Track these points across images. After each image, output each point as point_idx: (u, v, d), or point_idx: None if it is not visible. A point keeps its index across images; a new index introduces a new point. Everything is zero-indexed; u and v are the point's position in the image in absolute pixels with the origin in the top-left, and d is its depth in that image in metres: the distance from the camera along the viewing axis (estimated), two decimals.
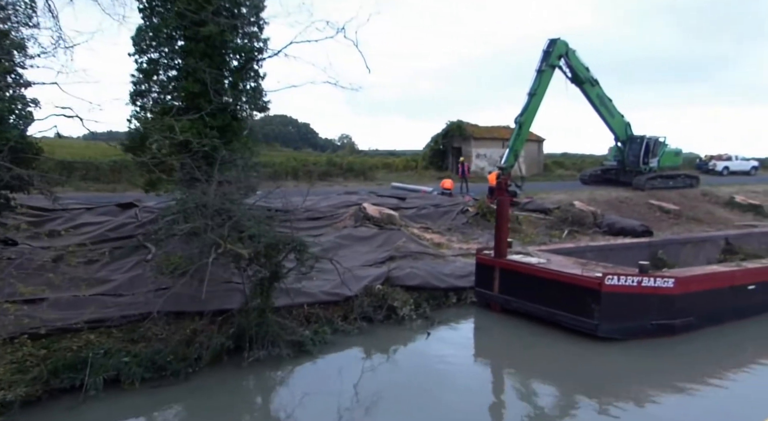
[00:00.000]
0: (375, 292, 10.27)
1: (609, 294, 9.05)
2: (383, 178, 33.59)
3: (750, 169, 45.40)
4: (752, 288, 10.69)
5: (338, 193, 19.97)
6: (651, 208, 23.96)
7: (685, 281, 9.61)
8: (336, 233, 13.90)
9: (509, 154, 22.38)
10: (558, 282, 9.74)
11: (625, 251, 14.34)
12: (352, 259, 12.54)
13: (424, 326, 9.98)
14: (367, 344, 9.10)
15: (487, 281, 11.26)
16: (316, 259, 8.18)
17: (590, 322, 9.19)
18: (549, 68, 23.08)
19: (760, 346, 9.89)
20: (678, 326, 9.52)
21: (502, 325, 10.67)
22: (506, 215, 11.06)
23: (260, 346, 7.67)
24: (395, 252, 13.37)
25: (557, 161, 43.56)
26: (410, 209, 18.08)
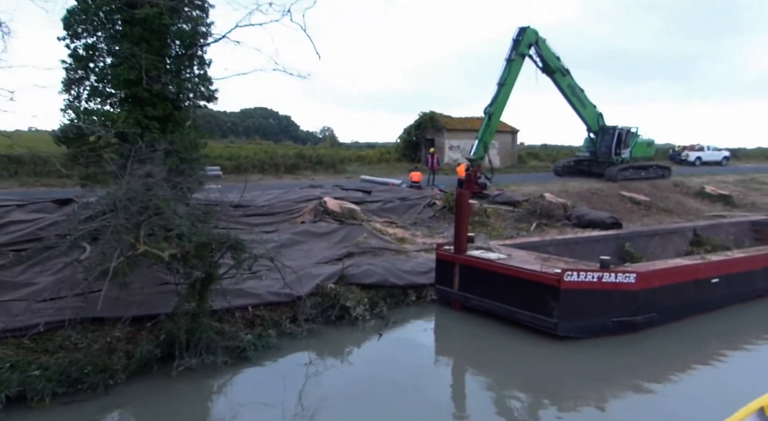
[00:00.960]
0: (327, 291, 9.80)
1: (568, 291, 8.74)
2: (356, 171, 33.06)
3: (721, 159, 46.11)
4: (716, 281, 10.52)
5: (301, 187, 19.41)
6: (622, 200, 23.94)
7: (647, 276, 9.37)
8: (293, 229, 13.38)
9: (478, 145, 22.22)
10: (517, 279, 9.41)
11: (592, 245, 14.13)
12: (307, 256, 12.07)
13: (378, 327, 9.56)
14: (316, 347, 8.63)
15: (447, 278, 10.88)
16: (255, 259, 7.66)
17: (549, 320, 8.88)
18: (519, 57, 22.90)
19: (724, 341, 9.71)
20: (640, 323, 9.28)
21: (462, 324, 10.31)
22: (466, 209, 10.68)
23: (192, 353, 7.14)
24: (354, 248, 12.91)
25: (532, 153, 43.58)
26: (375, 203, 17.64)
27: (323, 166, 29.70)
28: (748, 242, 17.43)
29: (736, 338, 9.83)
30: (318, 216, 14.47)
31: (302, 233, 13.24)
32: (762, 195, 29.15)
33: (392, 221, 16.17)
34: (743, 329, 10.26)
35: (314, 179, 25.39)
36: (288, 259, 11.68)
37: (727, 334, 10.01)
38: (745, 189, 30.25)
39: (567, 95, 25.57)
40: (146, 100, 10.03)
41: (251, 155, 27.54)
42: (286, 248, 12.32)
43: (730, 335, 9.94)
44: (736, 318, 10.66)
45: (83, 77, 10.63)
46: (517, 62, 22.13)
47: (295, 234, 13.05)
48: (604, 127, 28.08)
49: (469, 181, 21.05)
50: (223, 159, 27.01)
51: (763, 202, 27.05)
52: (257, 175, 24.99)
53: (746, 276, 11.18)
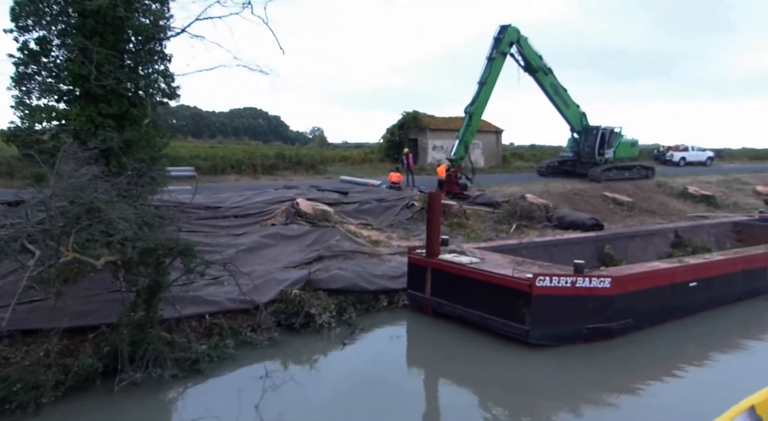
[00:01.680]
0: (291, 298, 9.40)
1: (540, 297, 8.44)
2: (338, 171, 32.65)
3: (706, 159, 46.40)
4: (694, 285, 10.30)
5: (276, 188, 18.97)
6: (605, 201, 23.80)
7: (623, 281, 9.10)
8: (262, 232, 12.95)
9: (459, 145, 21.92)
10: (488, 284, 9.09)
11: (571, 247, 13.88)
12: (275, 260, 11.66)
13: (344, 335, 9.19)
14: (277, 357, 8.24)
15: (419, 283, 10.54)
16: (207, 265, 7.25)
17: (521, 328, 8.57)
18: (500, 56, 22.64)
19: (702, 346, 9.48)
20: (615, 329, 9.01)
21: (434, 330, 9.97)
22: (438, 210, 10.35)
23: (138, 366, 6.71)
24: (326, 251, 12.53)
25: (517, 153, 43.46)
26: (352, 204, 17.26)
27: (303, 166, 29.25)
28: (730, 243, 17.34)
29: (714, 343, 9.60)
30: (290, 218, 14.06)
31: (272, 235, 12.82)
32: (745, 195, 29.24)
33: (368, 222, 15.80)
34: (721, 334, 10.05)
35: (292, 180, 24.94)
36: (254, 263, 11.31)
37: (705, 339, 9.78)
38: (727, 189, 30.33)
39: (549, 95, 25.39)
40: (100, 97, 9.56)
41: (229, 155, 26.99)
42: (254, 252, 11.92)
43: (708, 340, 9.72)
44: (715, 322, 10.45)
45: (35, 73, 10.12)
46: (499, 61, 21.88)
47: (264, 237, 12.63)
48: (587, 127, 27.96)
49: (449, 181, 20.75)
50: (200, 159, 26.46)
51: (745, 202, 27.12)
52: (234, 176, 24.49)
53: (725, 279, 10.98)
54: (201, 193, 16.89)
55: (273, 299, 9.41)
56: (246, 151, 34.73)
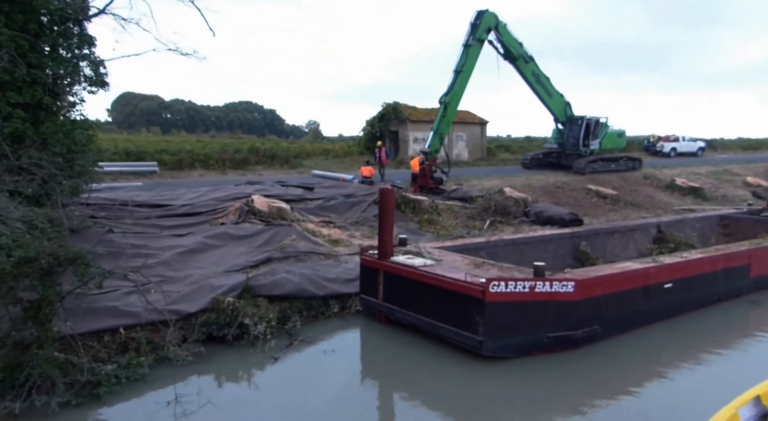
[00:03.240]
0: (224, 306, 8.57)
1: (495, 304, 7.66)
2: (316, 165, 31.78)
3: (697, 150, 45.87)
4: (669, 287, 9.56)
5: (237, 184, 18.08)
6: (588, 194, 23.10)
7: (588, 284, 8.33)
8: (208, 232, 12.09)
9: (433, 137, 21.04)
10: (440, 289, 8.30)
11: (544, 245, 13.13)
12: (218, 263, 10.81)
13: (281, 347, 8.38)
14: (197, 376, 7.42)
15: (371, 287, 9.75)
16: (105, 275, 6.40)
17: (474, 338, 7.79)
18: (477, 43, 21.74)
19: (677, 352, 8.74)
20: (580, 338, 8.25)
21: (386, 340, 9.19)
22: (390, 209, 9.53)
23: (18, 394, 5.87)
24: (277, 253, 11.70)
25: (503, 145, 42.71)
26: (316, 200, 16.42)
27: (278, 160, 28.31)
28: (715, 238, 16.66)
29: (691, 349, 8.88)
30: (242, 216, 13.19)
31: (218, 235, 11.96)
32: (734, 187, 28.65)
33: (331, 220, 14.97)
34: (699, 339, 9.32)
35: (263, 175, 24.04)
36: (193, 266, 10.47)
37: (681, 345, 9.05)
38: (717, 181, 29.74)
39: (531, 84, 24.59)
40: (8, 84, 8.64)
41: (197, 149, 25.98)
42: (196, 254, 11.06)
43: (683, 347, 8.98)
44: (692, 326, 9.72)
45: None
46: (475, 48, 21.02)
47: (209, 237, 11.77)
48: (571, 118, 27.22)
49: (423, 175, 19.94)
50: (168, 154, 25.48)
51: (734, 194, 26.52)
52: (200, 171, 23.55)
53: (705, 279, 10.27)
54: (152, 190, 16.02)
55: (204, 308, 8.57)
56: (227, 145, 33.75)
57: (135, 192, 15.23)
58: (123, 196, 13.77)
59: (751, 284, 11.41)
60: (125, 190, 15.89)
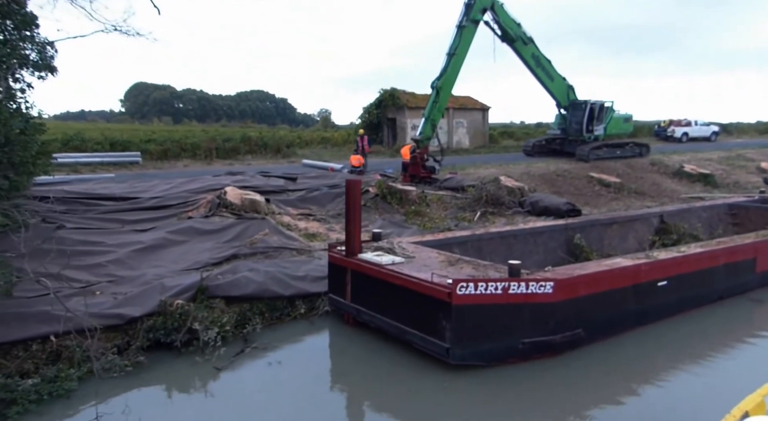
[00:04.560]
0: (172, 310, 7.97)
1: (463, 308, 6.97)
2: (311, 154, 31.11)
3: (710, 134, 44.63)
4: (663, 285, 8.82)
5: (215, 175, 17.46)
6: (590, 182, 22.23)
7: (570, 284, 7.62)
8: (174, 226, 11.48)
9: (425, 124, 20.21)
10: (407, 290, 7.63)
11: (535, 238, 12.40)
12: (178, 260, 10.22)
13: (232, 353, 7.76)
14: (130, 391, 6.80)
15: (339, 286, 9.11)
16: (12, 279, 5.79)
17: (441, 345, 7.12)
18: (471, 24, 20.76)
19: (671, 356, 8.02)
20: (560, 343, 7.56)
21: (353, 344, 8.56)
22: (357, 201, 8.85)
23: None
24: (246, 249, 11.09)
25: (507, 131, 41.72)
26: (298, 192, 15.79)
27: (270, 149, 27.66)
28: (723, 228, 15.85)
29: (685, 352, 8.16)
30: (213, 210, 12.58)
31: (183, 230, 11.36)
32: (747, 173, 27.59)
33: (311, 212, 14.32)
34: (694, 341, 8.59)
35: (251, 164, 23.43)
36: (151, 265, 9.89)
37: (674, 348, 8.31)
38: (729, 167, 28.67)
39: (531, 67, 23.63)
40: None
41: (183, 139, 25.37)
42: (156, 251, 10.47)
43: (677, 350, 8.25)
44: (688, 328, 8.97)
45: None
46: (470, 29, 20.09)
47: (173, 233, 11.17)
48: (575, 102, 26.22)
49: (414, 164, 19.19)
50: (155, 144, 24.91)
51: (747, 181, 25.50)
52: (186, 161, 22.96)
53: (703, 276, 9.50)
54: (125, 182, 15.46)
55: (151, 312, 7.98)
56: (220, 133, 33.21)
57: (107, 184, 14.67)
58: (88, 189, 13.20)
59: (757, 279, 10.63)
60: (95, 181, 15.35)
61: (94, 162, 20.02)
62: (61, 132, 24.64)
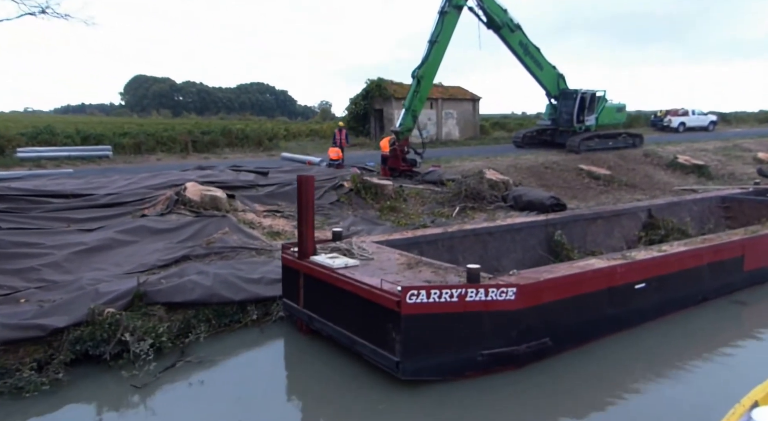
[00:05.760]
0: (102, 319, 7.33)
1: (413, 317, 6.34)
2: (295, 147, 30.42)
3: (708, 124, 43.97)
4: (641, 287, 8.20)
5: (184, 169, 16.76)
6: (580, 174, 21.60)
7: (535, 289, 6.99)
8: (121, 226, 10.82)
9: (406, 115, 19.48)
10: (356, 297, 7.00)
11: (512, 235, 11.78)
12: (124, 262, 9.57)
13: (162, 367, 7.13)
14: (41, 415, 6.18)
15: (292, 290, 8.48)
16: None
17: (390, 358, 6.49)
18: (454, 10, 19.95)
19: (648, 364, 7.42)
20: (524, 354, 6.94)
21: (305, 355, 7.95)
22: (310, 198, 8.19)
23: None
24: (201, 248, 10.45)
25: (499, 122, 41.01)
26: (269, 187, 15.11)
27: (251, 142, 26.94)
28: (715, 222, 15.24)
29: (663, 360, 7.56)
30: (170, 207, 11.92)
31: (134, 229, 10.70)
32: (743, 164, 26.97)
33: (279, 209, 13.67)
34: (672, 348, 7.95)
35: (228, 158, 22.74)
36: (91, 267, 9.25)
37: (652, 355, 7.69)
38: (725, 157, 28.07)
39: (519, 55, 22.92)
40: None
41: (157, 133, 24.61)
42: (100, 252, 9.83)
43: (654, 357, 7.63)
44: (667, 333, 8.35)
45: None
46: (452, 15, 19.35)
47: (123, 232, 10.51)
48: (565, 91, 25.53)
49: (394, 157, 18.51)
50: (129, 137, 24.19)
51: (743, 172, 24.87)
52: (160, 155, 22.26)
53: (686, 276, 8.88)
54: (84, 178, 14.79)
55: (79, 321, 7.34)
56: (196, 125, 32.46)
57: (63, 180, 14.00)
58: (39, 186, 12.53)
59: (745, 278, 10.02)
60: (50, 177, 14.68)
61: (61, 156, 19.33)
62: (31, 125, 23.89)
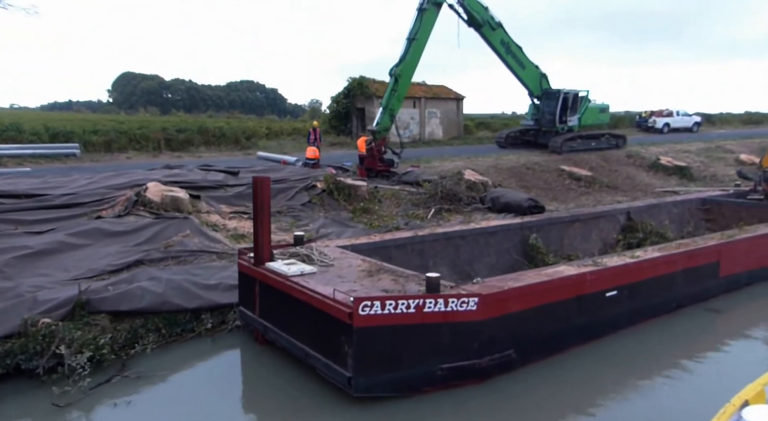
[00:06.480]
0: (35, 330, 6.86)
1: (367, 330, 5.95)
2: (274, 147, 29.91)
3: (692, 125, 44.16)
4: (613, 295, 7.90)
5: (151, 168, 16.23)
6: (561, 175, 21.37)
7: (499, 299, 6.63)
8: (74, 228, 10.31)
9: (383, 114, 19.04)
10: (310, 307, 6.60)
11: (486, 238, 11.44)
12: (73, 267, 9.07)
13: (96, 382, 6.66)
14: None
15: (249, 298, 8.06)
16: None
17: (342, 373, 6.10)
18: (433, 6, 19.57)
19: (618, 375, 7.13)
20: (486, 368, 6.59)
21: (261, 368, 7.53)
22: (266, 201, 7.77)
23: None
24: (158, 252, 9.98)
25: (484, 122, 40.77)
26: (239, 187, 14.65)
27: (228, 141, 26.39)
28: (694, 225, 15.07)
29: (634, 371, 7.26)
30: (129, 208, 11.42)
31: (88, 232, 10.20)
32: (726, 166, 26.94)
33: (246, 210, 13.20)
34: (644, 358, 7.65)
35: (202, 157, 22.20)
36: (34, 273, 8.75)
37: (623, 366, 7.41)
38: (708, 159, 28.04)
39: (500, 54, 22.61)
40: None
41: (130, 131, 23.96)
42: (48, 256, 9.32)
43: (625, 368, 7.35)
44: (639, 343, 8.05)
45: None
46: (431, 12, 18.98)
47: (75, 235, 10.01)
48: (548, 91, 25.28)
49: (371, 157, 18.12)
50: (100, 135, 23.52)
51: (725, 174, 24.81)
52: (130, 153, 21.67)
53: (659, 283, 8.59)
54: (42, 177, 14.22)
55: (11, 333, 6.86)
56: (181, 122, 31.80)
57: (18, 179, 13.43)
58: None
59: (721, 284, 9.78)
60: (3, 176, 14.09)
61: (25, 154, 18.68)
62: (9, 122, 23.19)
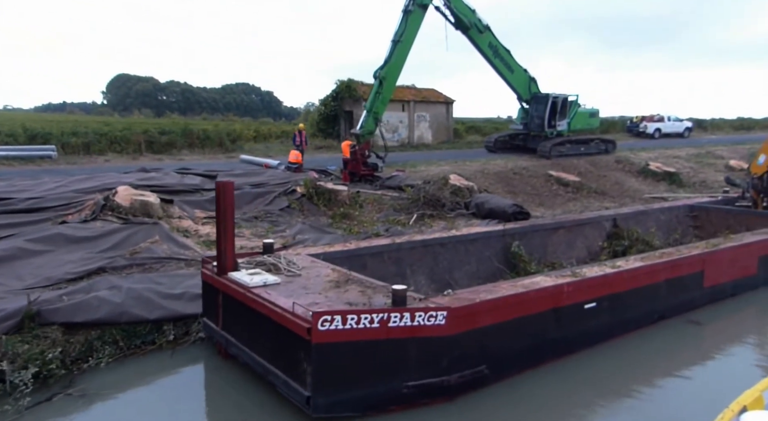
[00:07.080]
0: None
1: (327, 347, 5.62)
2: (260, 150, 29.55)
3: (683, 130, 44.19)
4: (591, 307, 7.60)
5: (126, 171, 15.82)
6: (548, 181, 21.15)
7: (469, 313, 6.32)
8: (37, 233, 9.92)
9: (367, 117, 18.73)
10: (269, 320, 6.26)
11: (466, 246, 11.14)
12: (30, 275, 8.68)
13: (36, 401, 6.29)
14: None
15: (212, 309, 7.71)
16: None
17: (300, 392, 5.76)
18: (419, 8, 19.29)
19: (596, 390, 6.84)
20: (456, 385, 6.26)
21: (222, 383, 7.16)
22: (229, 208, 7.43)
23: None
24: (123, 259, 9.61)
25: (474, 126, 40.58)
26: (213, 191, 14.26)
27: (211, 143, 26.00)
28: (682, 232, 14.84)
29: (611, 387, 6.97)
30: (96, 213, 11.04)
31: (49, 238, 9.81)
32: (715, 171, 26.85)
33: None
34: (624, 372, 7.37)
35: (184, 160, 21.81)
36: None
37: (600, 381, 7.10)
38: (697, 164, 27.94)
39: (488, 57, 22.40)
40: None
41: (111, 132, 23.51)
42: (5, 263, 8.92)
43: (603, 383, 7.06)
44: (618, 356, 7.75)
45: None
46: (417, 14, 18.72)
47: (35, 240, 9.61)
48: (537, 95, 25.12)
49: (355, 161, 17.80)
50: (78, 136, 23.05)
51: (714, 180, 24.69)
52: (109, 156, 21.24)
53: (641, 294, 8.31)
54: (7, 180, 13.79)
55: None
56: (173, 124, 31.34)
57: None
58: None
59: (705, 295, 9.52)
60: None
61: None
62: None
